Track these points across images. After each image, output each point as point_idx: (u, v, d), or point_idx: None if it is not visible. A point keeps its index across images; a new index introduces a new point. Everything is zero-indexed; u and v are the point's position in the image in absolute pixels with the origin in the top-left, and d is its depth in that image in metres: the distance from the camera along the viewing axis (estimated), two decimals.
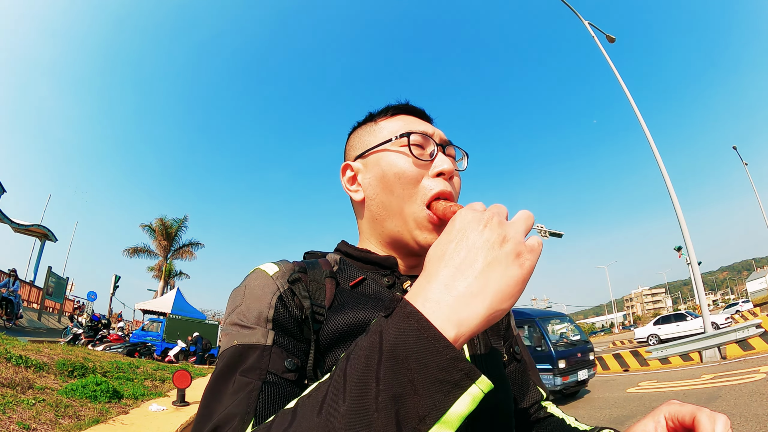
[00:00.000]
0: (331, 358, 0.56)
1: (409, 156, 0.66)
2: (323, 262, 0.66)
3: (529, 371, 0.78)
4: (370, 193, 0.70)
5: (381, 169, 0.68)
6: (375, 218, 0.70)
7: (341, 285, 0.63)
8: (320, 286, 0.61)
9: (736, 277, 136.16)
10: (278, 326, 0.54)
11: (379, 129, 0.72)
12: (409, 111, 0.74)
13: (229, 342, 0.54)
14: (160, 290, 26.54)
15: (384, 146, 0.69)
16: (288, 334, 0.55)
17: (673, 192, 11.91)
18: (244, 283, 0.60)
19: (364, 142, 0.73)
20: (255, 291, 0.57)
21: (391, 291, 0.64)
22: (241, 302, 0.57)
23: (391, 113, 0.74)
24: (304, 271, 0.62)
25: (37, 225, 20.20)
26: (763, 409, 5.06)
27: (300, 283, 0.59)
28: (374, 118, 0.75)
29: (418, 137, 0.68)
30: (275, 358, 0.52)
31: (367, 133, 0.74)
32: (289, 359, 0.52)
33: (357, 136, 0.76)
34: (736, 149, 25.88)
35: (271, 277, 0.59)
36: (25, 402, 3.98)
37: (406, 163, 0.66)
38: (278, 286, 0.57)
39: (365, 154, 0.71)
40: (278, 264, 0.62)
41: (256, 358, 0.51)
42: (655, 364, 11.69)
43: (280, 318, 0.55)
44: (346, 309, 0.59)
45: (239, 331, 0.54)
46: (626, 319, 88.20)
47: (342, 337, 0.56)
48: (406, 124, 0.71)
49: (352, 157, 0.75)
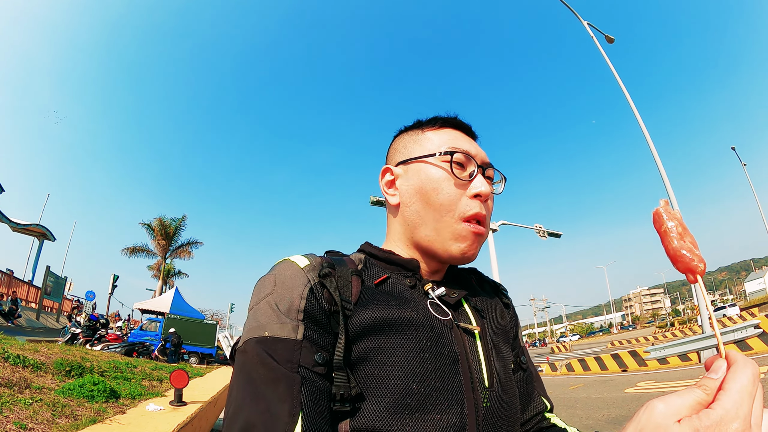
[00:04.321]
0: (355, 352, 0.57)
1: (450, 174, 0.68)
2: (348, 260, 0.68)
3: (534, 381, 0.79)
4: (405, 200, 0.71)
5: (420, 180, 0.69)
6: (408, 223, 0.71)
7: (366, 283, 0.64)
8: (347, 283, 0.62)
9: (735, 277, 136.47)
10: (309, 318, 0.55)
11: (425, 139, 0.73)
12: (457, 126, 0.75)
13: (257, 331, 0.53)
14: (158, 290, 26.55)
15: (427, 159, 0.70)
16: (318, 326, 0.56)
17: (672, 192, 11.93)
18: (273, 272, 0.60)
19: (409, 149, 0.74)
20: (286, 281, 0.58)
21: (413, 291, 0.65)
22: (272, 290, 0.57)
23: (439, 125, 0.74)
24: (333, 266, 0.63)
25: (36, 224, 20.17)
26: None
27: (330, 277, 0.60)
28: (422, 126, 0.75)
29: (461, 156, 0.69)
30: (306, 353, 0.52)
31: (412, 140, 0.74)
32: (318, 353, 0.53)
33: (402, 141, 0.76)
34: (735, 150, 25.96)
35: (302, 269, 0.59)
36: (22, 401, 3.97)
37: (445, 180, 0.68)
38: (309, 279, 0.58)
39: (408, 161, 0.72)
40: (308, 257, 0.63)
41: (289, 351, 0.51)
42: (653, 364, 11.72)
43: (311, 309, 0.56)
44: (371, 305, 0.60)
45: (270, 321, 0.54)
46: (625, 319, 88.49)
47: (366, 331, 0.57)
48: (452, 140, 0.71)
49: (394, 162, 0.75)
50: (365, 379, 0.55)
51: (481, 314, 0.69)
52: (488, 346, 0.66)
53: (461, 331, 0.64)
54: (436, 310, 0.63)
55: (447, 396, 0.56)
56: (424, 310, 0.62)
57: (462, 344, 0.62)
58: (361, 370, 0.56)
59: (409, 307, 0.61)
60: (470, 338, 0.64)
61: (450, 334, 0.61)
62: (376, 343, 0.57)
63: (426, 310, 0.62)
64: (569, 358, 19.09)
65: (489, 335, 0.67)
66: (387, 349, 0.56)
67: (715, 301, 70.69)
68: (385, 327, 0.58)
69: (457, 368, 0.59)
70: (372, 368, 0.55)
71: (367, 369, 0.55)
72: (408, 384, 0.55)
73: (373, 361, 0.56)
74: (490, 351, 0.66)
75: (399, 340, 0.57)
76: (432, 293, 0.65)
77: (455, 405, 0.56)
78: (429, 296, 0.65)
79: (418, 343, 0.58)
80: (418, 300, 0.64)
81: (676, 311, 71.30)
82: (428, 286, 0.66)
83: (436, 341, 0.59)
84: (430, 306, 0.63)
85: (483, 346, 0.65)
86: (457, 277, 0.76)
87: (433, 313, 0.62)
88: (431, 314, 0.62)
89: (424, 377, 0.56)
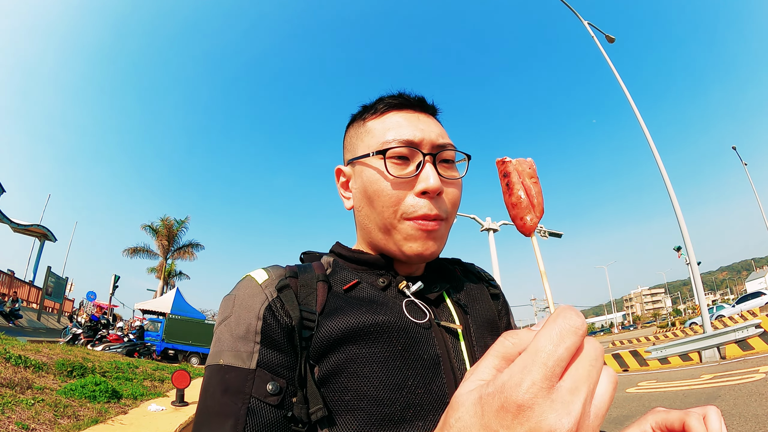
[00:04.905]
0: (325, 365, 0.54)
1: (386, 175, 0.61)
2: (317, 265, 0.64)
3: None
4: (356, 203, 0.67)
5: (363, 183, 0.64)
6: (363, 227, 0.66)
7: (334, 289, 0.61)
8: (312, 291, 0.59)
9: (736, 277, 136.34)
10: (266, 340, 0.54)
11: (365, 132, 0.66)
12: (402, 105, 0.66)
13: (216, 357, 0.55)
14: (159, 290, 26.54)
15: (364, 159, 0.64)
16: (275, 348, 0.54)
17: (673, 192, 11.92)
18: (234, 292, 0.59)
19: (353, 146, 0.68)
20: (244, 301, 0.57)
21: (387, 292, 0.61)
22: (231, 313, 0.57)
23: (381, 110, 0.66)
24: (296, 275, 0.60)
25: (37, 225, 20.20)
26: (762, 409, 5.06)
27: (288, 289, 0.57)
28: (364, 115, 0.68)
29: (401, 149, 0.61)
30: (258, 383, 0.52)
31: (356, 135, 0.68)
32: (272, 382, 0.52)
33: (348, 136, 0.70)
34: (736, 149, 25.92)
35: (260, 285, 0.58)
36: (24, 402, 3.98)
37: (383, 182, 0.61)
38: (267, 296, 0.56)
39: (353, 161, 0.67)
40: (269, 270, 0.61)
41: (239, 381, 0.52)
42: (654, 364, 11.70)
43: (268, 330, 0.54)
44: (338, 314, 0.56)
45: (226, 347, 0.54)
46: (626, 319, 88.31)
47: (336, 342, 0.54)
48: (393, 128, 0.63)
49: (345, 161, 0.70)
50: (341, 392, 0.53)
51: (464, 309, 0.65)
52: (473, 343, 0.62)
53: (442, 330, 0.60)
54: (412, 310, 0.59)
55: (430, 402, 0.53)
56: (399, 313, 0.58)
57: (444, 345, 0.58)
58: (335, 384, 0.53)
59: (382, 311, 0.57)
60: (453, 337, 0.60)
61: (428, 335, 0.57)
62: (348, 353, 0.54)
63: (400, 313, 0.58)
64: None
65: (474, 332, 0.63)
66: (360, 359, 0.53)
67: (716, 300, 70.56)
68: (355, 335, 0.54)
69: (439, 371, 0.55)
70: (346, 380, 0.53)
71: (342, 381, 0.53)
72: (385, 394, 0.52)
73: (346, 372, 0.53)
74: (476, 349, 0.62)
75: (372, 348, 0.54)
76: (408, 291, 0.61)
77: (440, 411, 0.53)
78: (405, 295, 0.61)
79: (393, 350, 0.54)
80: (392, 301, 0.60)
81: (677, 311, 71.19)
82: (402, 285, 0.62)
83: (413, 345, 0.56)
84: (405, 307, 0.59)
85: (467, 345, 0.61)
86: (440, 269, 0.71)
87: (408, 315, 0.58)
88: (406, 316, 0.58)
89: (403, 385, 0.53)
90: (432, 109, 0.69)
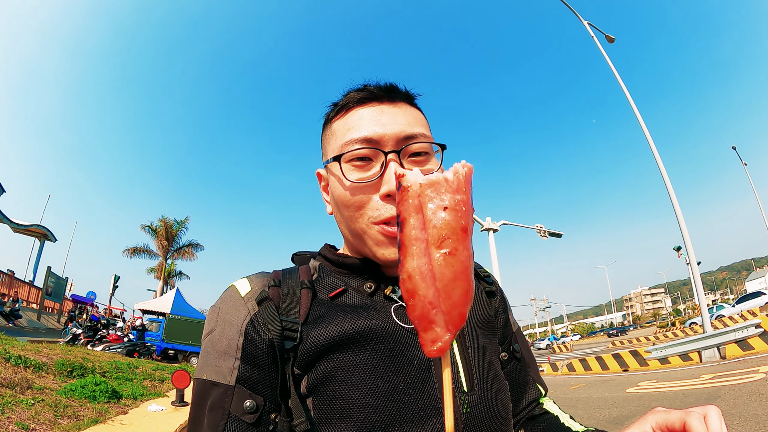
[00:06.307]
0: (314, 374, 0.54)
1: (343, 182, 0.58)
2: (303, 270, 0.63)
3: (528, 369, 0.75)
4: (334, 208, 0.65)
5: (332, 187, 0.62)
6: (342, 233, 0.66)
7: (319, 296, 0.59)
8: (295, 299, 0.58)
9: (736, 277, 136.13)
10: (246, 356, 0.54)
11: (331, 135, 0.63)
12: (367, 99, 0.60)
13: (200, 371, 0.56)
14: (159, 290, 26.51)
15: (329, 165, 0.61)
16: (255, 366, 0.54)
17: (673, 192, 11.92)
18: (218, 304, 0.59)
19: (324, 149, 0.66)
20: (227, 315, 0.57)
21: (374, 297, 0.60)
22: (215, 326, 0.57)
23: (345, 109, 0.61)
24: (279, 284, 0.60)
25: (37, 225, 20.21)
26: (762, 409, 5.06)
27: (268, 302, 0.57)
28: (329, 116, 0.65)
29: (360, 150, 0.57)
30: (236, 399, 0.52)
31: (324, 136, 0.66)
32: (249, 400, 0.53)
33: (322, 138, 0.67)
34: (736, 149, 25.91)
35: (242, 298, 0.58)
36: (24, 402, 3.98)
37: (344, 189, 0.59)
38: (249, 309, 0.56)
39: (325, 165, 0.64)
40: (252, 280, 0.60)
41: (220, 397, 0.53)
42: (654, 364, 11.70)
43: (249, 346, 0.54)
44: (324, 322, 0.55)
45: (210, 361, 0.56)
46: (626, 319, 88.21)
47: (322, 351, 0.54)
48: (353, 128, 0.59)
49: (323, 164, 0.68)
50: (330, 400, 0.52)
51: None
52: (466, 345, 0.61)
53: None
54: (401, 315, 0.57)
55: (421, 408, 0.52)
56: (387, 318, 0.57)
57: None
58: (325, 392, 0.53)
59: (368, 318, 0.56)
60: None
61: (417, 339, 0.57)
62: (337, 361, 0.53)
63: (389, 318, 0.57)
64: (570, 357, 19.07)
65: (467, 332, 0.62)
66: (348, 366, 0.53)
67: (716, 300, 70.49)
68: (343, 343, 0.54)
69: (429, 376, 0.54)
70: (336, 388, 0.52)
71: (331, 389, 0.52)
72: (375, 401, 0.51)
73: (335, 380, 0.53)
74: (469, 350, 0.60)
75: (360, 354, 0.53)
76: (395, 296, 0.59)
77: (432, 417, 0.52)
78: (394, 300, 0.60)
79: (382, 355, 0.54)
80: (379, 307, 0.58)
81: (677, 311, 71.09)
82: (389, 290, 0.60)
83: (402, 350, 0.55)
84: (394, 311, 0.58)
85: (460, 347, 0.60)
86: None
87: (396, 320, 0.57)
88: (394, 321, 0.56)
89: (392, 392, 0.52)
90: (404, 96, 0.63)
